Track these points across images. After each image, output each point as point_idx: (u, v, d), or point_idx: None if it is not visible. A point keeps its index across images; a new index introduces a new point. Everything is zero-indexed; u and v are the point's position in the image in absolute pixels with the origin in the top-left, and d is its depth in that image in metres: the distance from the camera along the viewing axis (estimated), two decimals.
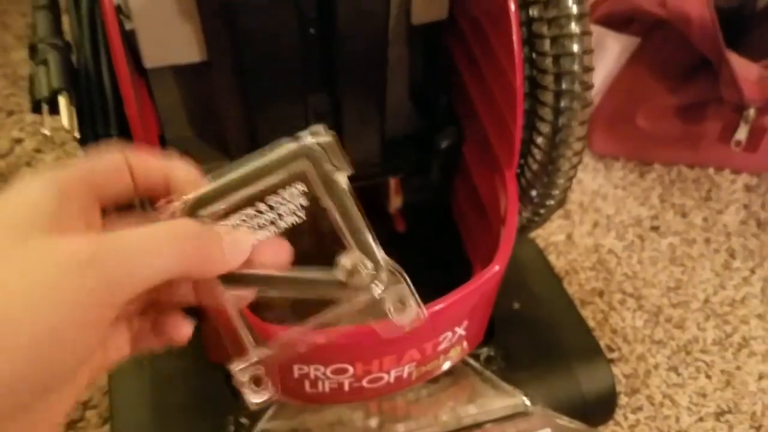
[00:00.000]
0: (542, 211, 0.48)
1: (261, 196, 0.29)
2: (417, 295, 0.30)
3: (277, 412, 0.49)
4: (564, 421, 0.51)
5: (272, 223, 0.29)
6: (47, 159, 0.74)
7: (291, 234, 0.29)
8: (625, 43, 0.72)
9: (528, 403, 0.50)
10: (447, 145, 0.52)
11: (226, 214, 0.29)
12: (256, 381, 0.31)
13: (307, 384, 0.42)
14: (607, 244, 0.70)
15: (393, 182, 0.53)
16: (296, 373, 0.41)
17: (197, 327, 0.48)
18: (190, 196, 0.28)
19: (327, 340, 0.39)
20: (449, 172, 0.54)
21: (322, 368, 0.40)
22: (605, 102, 0.76)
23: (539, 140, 0.44)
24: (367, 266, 0.30)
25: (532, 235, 0.69)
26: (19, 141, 0.76)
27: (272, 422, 0.49)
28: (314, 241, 0.31)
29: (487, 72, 0.45)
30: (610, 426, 0.56)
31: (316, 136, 0.29)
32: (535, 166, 0.46)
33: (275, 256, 0.29)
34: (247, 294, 0.29)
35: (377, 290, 0.30)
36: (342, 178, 0.30)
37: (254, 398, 0.30)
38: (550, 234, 0.71)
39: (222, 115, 0.45)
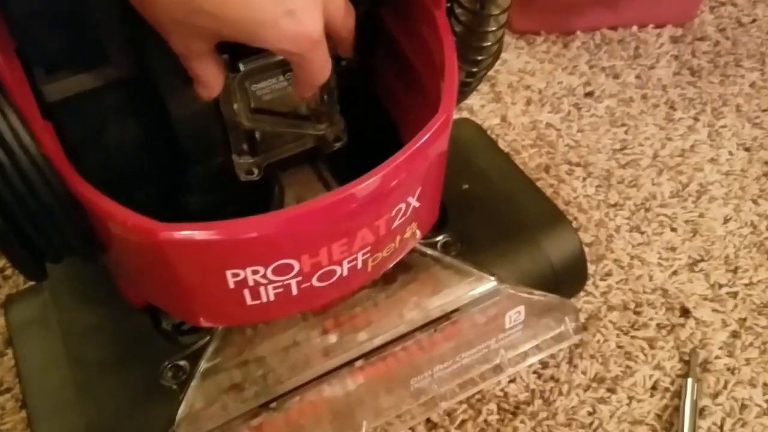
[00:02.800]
0: (475, 70, 0.43)
1: None
2: None
3: (220, 346, 0.42)
4: (536, 295, 0.46)
5: None
6: None
7: None
8: None
9: (495, 283, 0.45)
10: (363, 11, 0.45)
11: None
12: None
13: (247, 295, 0.35)
14: (543, 119, 0.65)
15: None
16: (231, 283, 0.34)
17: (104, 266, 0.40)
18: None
19: (259, 229, 0.32)
20: (369, 45, 0.47)
21: (261, 269, 0.34)
22: None
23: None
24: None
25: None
26: None
27: (216, 359, 0.42)
28: None
29: None
30: (582, 297, 0.52)
31: None
32: (465, 16, 0.40)
33: None
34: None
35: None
36: None
37: None
38: (484, 119, 0.65)
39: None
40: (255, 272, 0.34)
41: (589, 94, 0.67)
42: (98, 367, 0.42)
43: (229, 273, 0.34)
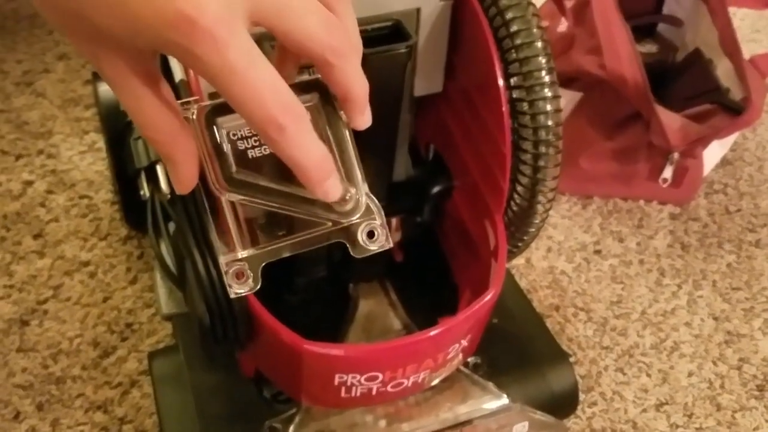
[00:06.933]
0: (521, 244, 0.59)
1: None
2: (387, 229, 0.37)
3: (305, 417, 0.58)
4: (538, 415, 0.62)
5: None
6: (60, 200, 0.81)
7: None
8: (570, 98, 0.85)
9: (509, 401, 0.61)
10: (437, 191, 0.63)
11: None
12: (238, 275, 0.36)
13: (342, 390, 0.51)
14: (559, 266, 0.82)
15: (395, 221, 0.63)
16: (336, 381, 0.50)
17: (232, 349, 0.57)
18: (208, 102, 0.33)
19: (366, 354, 0.49)
20: (438, 212, 0.65)
21: (358, 376, 0.50)
22: None
23: (519, 188, 0.56)
24: (352, 196, 0.35)
25: None
26: (30, 183, 0.83)
27: (301, 425, 0.58)
28: None
29: (476, 134, 0.56)
30: (572, 419, 0.68)
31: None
32: (516, 209, 0.57)
33: None
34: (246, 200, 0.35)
35: (355, 218, 0.36)
36: (343, 116, 0.34)
37: (235, 288, 0.36)
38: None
39: None
40: (354, 377, 0.50)
41: (597, 252, 0.84)
42: (217, 419, 0.58)
43: (337, 375, 0.50)
